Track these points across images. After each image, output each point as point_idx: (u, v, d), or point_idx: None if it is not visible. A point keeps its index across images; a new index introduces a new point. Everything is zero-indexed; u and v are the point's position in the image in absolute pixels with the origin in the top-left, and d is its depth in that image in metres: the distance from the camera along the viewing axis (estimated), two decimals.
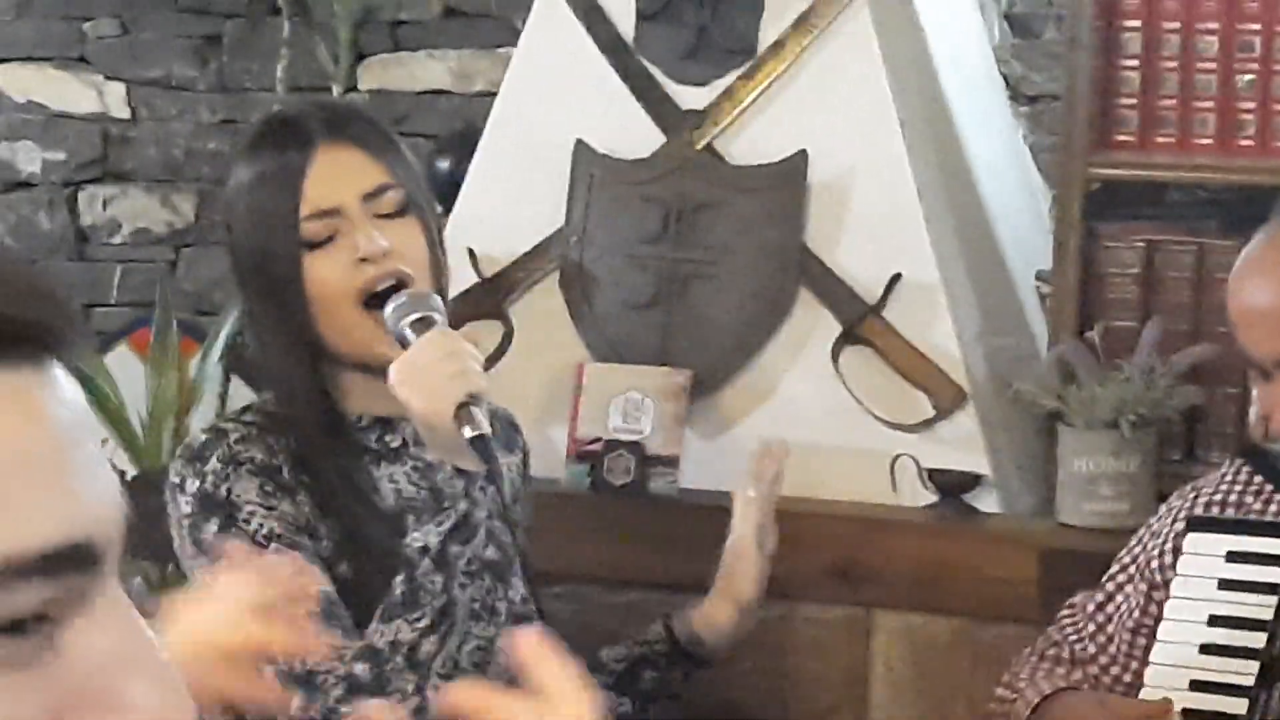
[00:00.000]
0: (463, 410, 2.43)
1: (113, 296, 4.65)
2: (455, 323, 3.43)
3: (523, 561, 2.74)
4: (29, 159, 4.69)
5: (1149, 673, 2.75)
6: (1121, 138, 3.42)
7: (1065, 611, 2.96)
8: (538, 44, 3.59)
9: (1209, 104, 3.39)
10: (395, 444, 2.65)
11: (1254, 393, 2.64)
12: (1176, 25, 3.37)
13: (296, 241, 2.57)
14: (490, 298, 3.49)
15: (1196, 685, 2.69)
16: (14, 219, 4.71)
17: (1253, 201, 3.45)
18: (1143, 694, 2.78)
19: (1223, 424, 3.43)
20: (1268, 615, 2.54)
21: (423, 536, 2.52)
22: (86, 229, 4.69)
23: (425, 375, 2.45)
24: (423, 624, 2.49)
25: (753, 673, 3.41)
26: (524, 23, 3.68)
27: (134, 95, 4.63)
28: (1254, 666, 2.66)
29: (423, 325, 2.50)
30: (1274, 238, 2.66)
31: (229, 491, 2.52)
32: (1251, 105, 3.36)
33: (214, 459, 2.55)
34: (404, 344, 2.49)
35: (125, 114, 4.66)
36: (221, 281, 4.28)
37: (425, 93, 4.40)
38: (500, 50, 3.80)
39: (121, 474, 2.75)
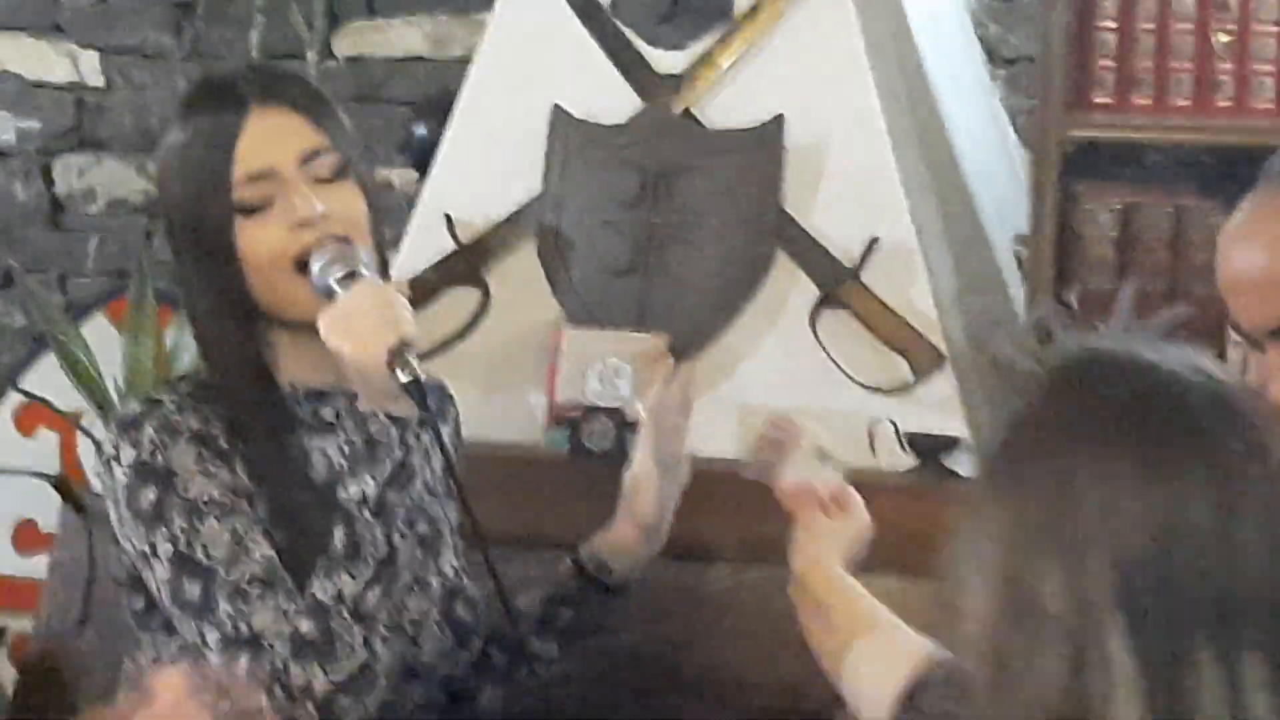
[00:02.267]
0: (395, 355, 2.42)
1: (89, 266, 4.67)
2: (432, 289, 3.54)
3: (465, 530, 2.75)
4: (3, 128, 4.72)
5: None
6: (1098, 99, 3.40)
7: None
8: (513, 9, 3.57)
9: (1187, 65, 3.37)
10: (329, 418, 2.64)
11: (1248, 363, 2.54)
12: None
13: (229, 205, 2.54)
14: (467, 263, 3.48)
15: None
16: None
17: (1231, 163, 3.37)
18: None
19: None
20: None
21: (359, 485, 2.50)
22: (62, 198, 4.72)
23: (355, 323, 2.44)
24: (366, 575, 2.46)
25: (732, 635, 3.37)
26: None
27: (108, 64, 4.66)
28: None
29: (350, 280, 2.48)
30: (1261, 203, 2.57)
31: (166, 460, 2.51)
32: (1229, 66, 3.35)
33: (149, 428, 2.53)
34: (329, 297, 2.48)
35: (100, 82, 4.69)
36: None
37: (402, 59, 4.42)
38: (476, 16, 3.80)
39: (97, 444, 2.79)
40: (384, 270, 2.72)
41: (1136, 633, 1.50)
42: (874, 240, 3.30)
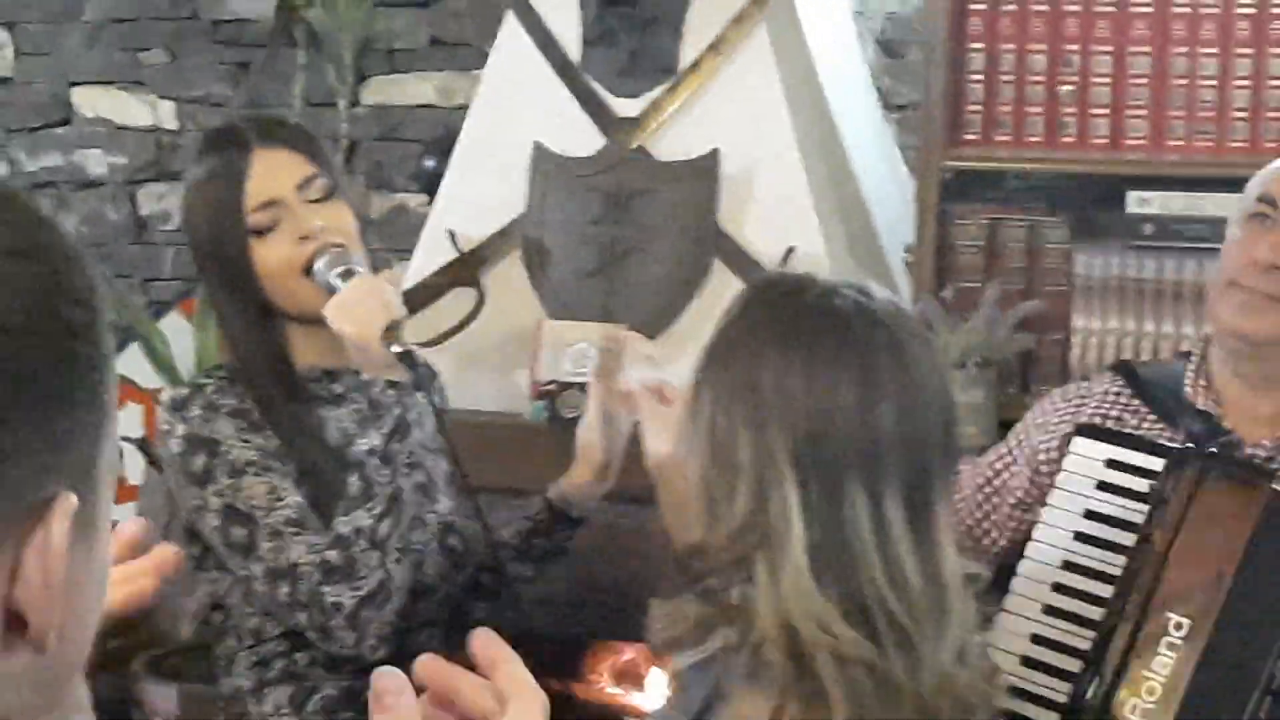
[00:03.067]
0: (388, 331, 2.47)
1: (166, 272, 4.66)
2: (438, 290, 3.52)
3: (456, 480, 2.78)
4: (98, 163, 4.71)
5: (1020, 570, 2.65)
6: (969, 137, 3.46)
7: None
8: (503, 66, 3.61)
9: (1038, 109, 3.44)
10: (339, 391, 2.66)
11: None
12: (1012, 47, 3.42)
13: (243, 229, 2.58)
14: (466, 269, 3.51)
15: (1059, 587, 2.61)
16: (86, 211, 4.70)
17: (1074, 187, 3.52)
18: (1015, 581, 2.65)
19: (1050, 364, 3.46)
20: (1138, 519, 2.49)
21: (368, 440, 2.54)
22: (145, 218, 4.66)
23: (355, 308, 2.48)
24: (378, 510, 2.51)
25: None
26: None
27: (181, 111, 4.62)
28: (1118, 562, 2.55)
29: (347, 276, 2.51)
30: None
31: (211, 431, 2.56)
32: (1073, 110, 3.42)
33: (195, 406, 2.58)
34: (332, 292, 2.51)
35: (174, 125, 4.58)
36: None
37: (416, 106, 4.38)
38: (475, 72, 3.80)
39: None
40: (373, 268, 2.72)
41: (803, 478, 1.63)
42: (791, 249, 3.32)
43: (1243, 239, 2.63)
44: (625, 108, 3.51)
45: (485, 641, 1.12)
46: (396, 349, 2.51)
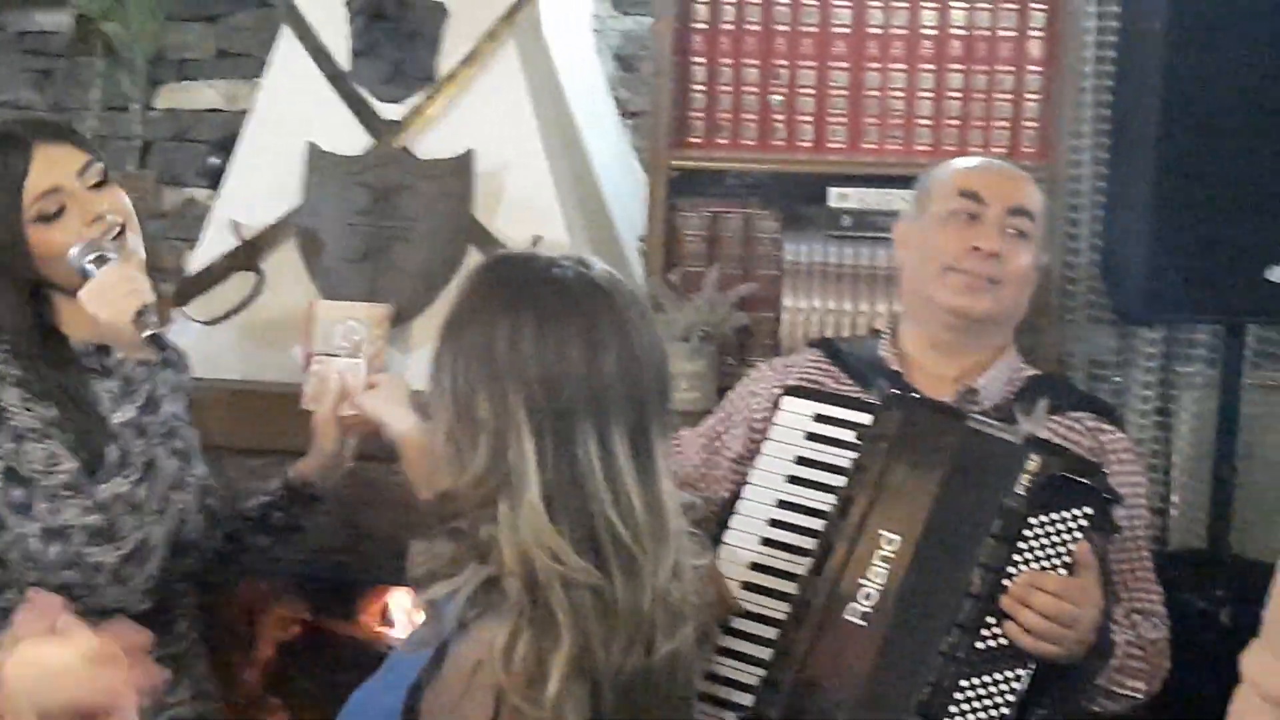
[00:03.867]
0: (138, 317, 2.49)
1: None
2: (222, 273, 3.45)
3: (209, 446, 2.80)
4: None
5: (738, 510, 2.66)
6: (692, 140, 3.54)
7: (674, 444, 2.86)
8: (280, 75, 3.60)
9: (752, 116, 3.52)
10: (110, 364, 2.63)
11: None
12: (729, 62, 3.51)
13: (19, 216, 2.56)
14: (248, 255, 3.51)
15: (768, 542, 2.62)
16: None
17: (782, 184, 3.60)
18: (734, 519, 2.65)
19: (763, 338, 3.51)
20: (844, 463, 2.52)
21: (122, 413, 2.56)
22: None
23: (107, 293, 2.51)
24: (134, 477, 2.52)
25: (407, 512, 3.17)
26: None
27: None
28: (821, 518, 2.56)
29: (100, 261, 2.53)
30: None
31: None
32: (781, 117, 3.51)
33: None
34: (85, 276, 2.52)
35: None
36: None
37: (204, 110, 4.29)
38: (258, 80, 3.73)
39: None
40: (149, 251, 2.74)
41: (538, 427, 1.70)
42: (538, 238, 3.37)
43: (953, 230, 2.69)
44: (389, 112, 3.50)
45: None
46: (147, 331, 2.53)
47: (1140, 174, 3.29)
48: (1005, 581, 2.35)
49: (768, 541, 2.56)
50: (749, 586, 2.54)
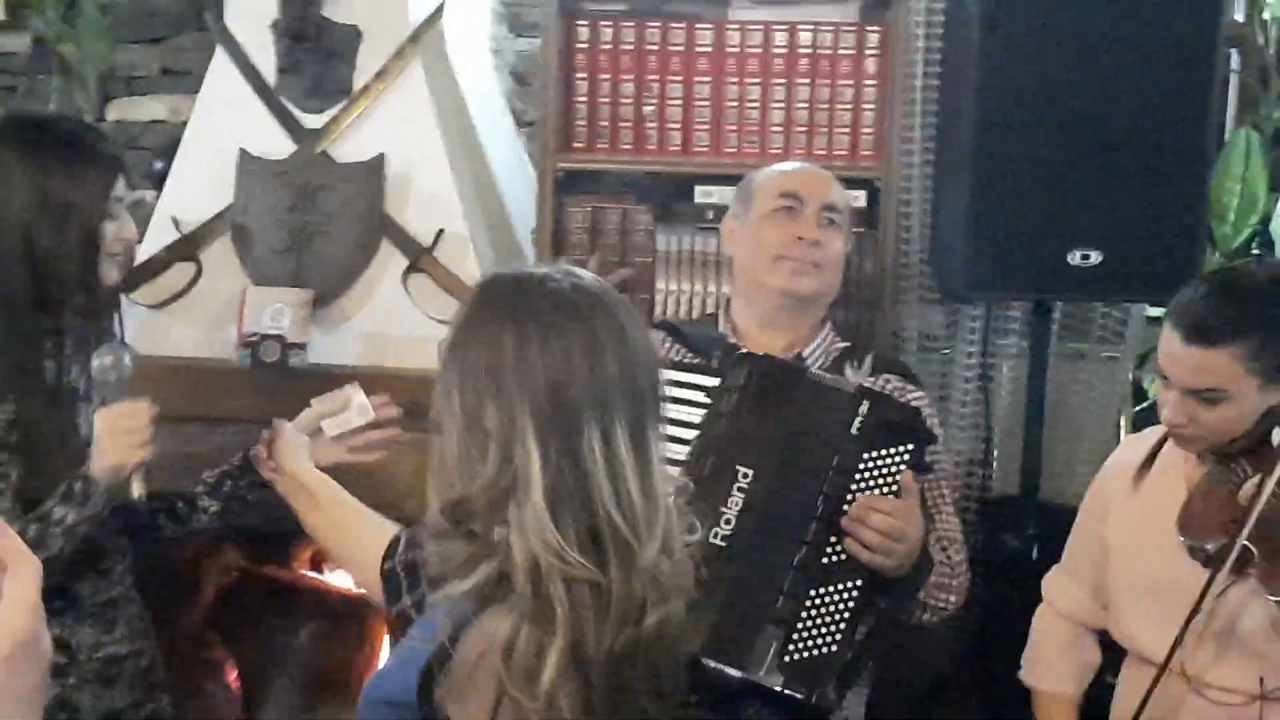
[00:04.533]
0: (134, 473, 2.52)
1: None
2: (165, 263, 3.38)
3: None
4: None
5: None
6: (576, 145, 3.61)
7: None
8: (216, 89, 3.60)
9: (628, 124, 3.59)
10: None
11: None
12: (608, 77, 3.58)
13: (104, 215, 2.65)
14: (188, 247, 3.52)
15: None
16: None
17: (655, 183, 3.64)
18: None
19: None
20: (696, 419, 2.53)
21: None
22: None
23: (120, 438, 2.52)
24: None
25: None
26: None
27: None
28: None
29: (119, 385, 2.53)
30: None
31: None
32: (654, 124, 3.59)
33: None
34: (103, 400, 2.54)
35: None
36: None
37: (150, 122, 4.25)
38: (194, 95, 3.71)
39: None
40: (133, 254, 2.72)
41: (542, 433, 1.65)
42: (441, 231, 3.44)
43: (779, 224, 2.79)
44: (311, 121, 3.52)
45: None
46: (135, 491, 2.52)
47: (960, 175, 3.31)
48: (844, 507, 2.42)
49: None
50: None
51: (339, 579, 3.77)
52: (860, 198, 3.48)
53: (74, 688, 2.76)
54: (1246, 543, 2.30)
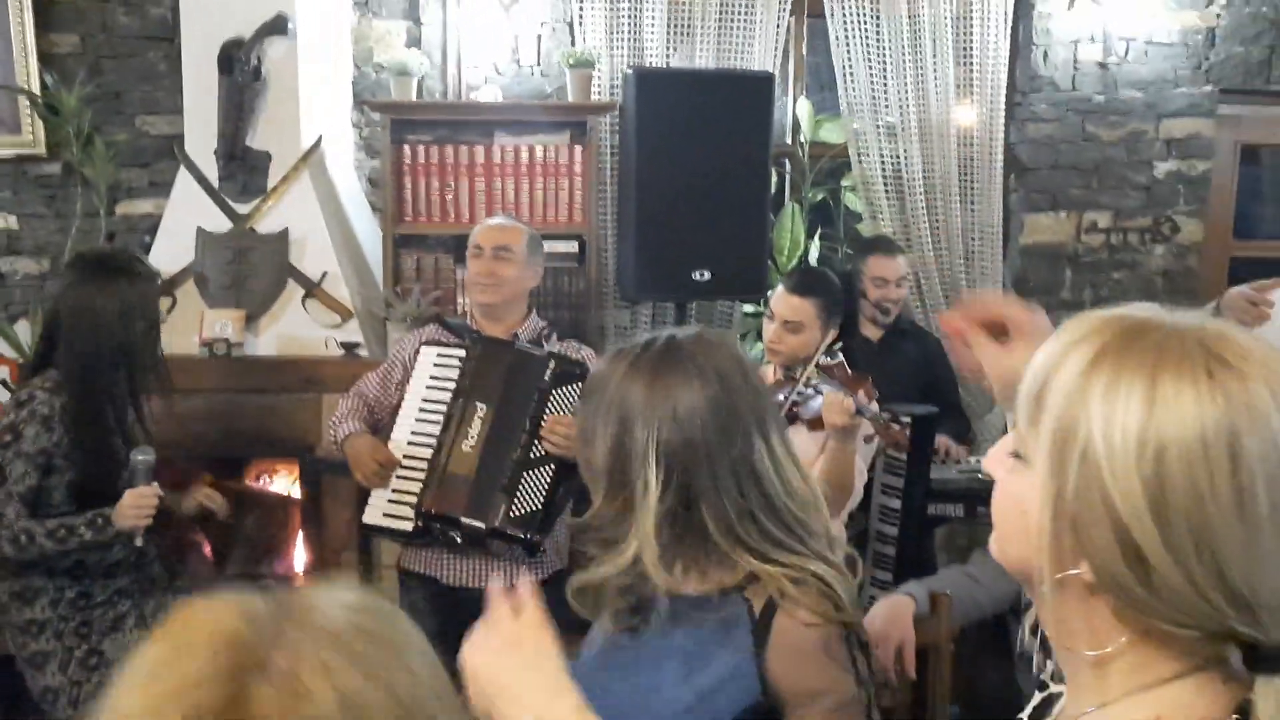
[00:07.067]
0: (143, 532, 2.66)
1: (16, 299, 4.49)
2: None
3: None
4: None
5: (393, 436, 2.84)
6: (406, 219, 4.27)
7: (352, 390, 3.12)
8: (182, 193, 4.23)
9: (439, 204, 4.24)
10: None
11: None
12: (424, 178, 4.24)
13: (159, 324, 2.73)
14: (168, 287, 4.07)
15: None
16: None
17: (456, 241, 4.03)
18: (397, 422, 3.01)
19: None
20: (455, 377, 2.70)
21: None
22: (2, 274, 4.65)
23: (134, 509, 2.74)
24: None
25: None
26: None
27: (20, 220, 4.73)
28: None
29: (146, 473, 2.66)
30: None
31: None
32: (453, 205, 4.25)
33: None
34: (132, 478, 2.71)
35: (17, 228, 4.73)
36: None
37: (144, 214, 4.69)
38: (170, 196, 4.14)
39: None
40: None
41: (663, 463, 1.60)
42: (325, 273, 4.12)
43: (475, 263, 3.16)
44: (242, 209, 4.17)
45: None
46: (139, 541, 2.71)
47: (629, 227, 4.08)
48: (542, 422, 2.84)
49: (417, 423, 3.02)
50: (409, 451, 2.98)
51: (276, 486, 4.30)
52: (575, 244, 4.22)
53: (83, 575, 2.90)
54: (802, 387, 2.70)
